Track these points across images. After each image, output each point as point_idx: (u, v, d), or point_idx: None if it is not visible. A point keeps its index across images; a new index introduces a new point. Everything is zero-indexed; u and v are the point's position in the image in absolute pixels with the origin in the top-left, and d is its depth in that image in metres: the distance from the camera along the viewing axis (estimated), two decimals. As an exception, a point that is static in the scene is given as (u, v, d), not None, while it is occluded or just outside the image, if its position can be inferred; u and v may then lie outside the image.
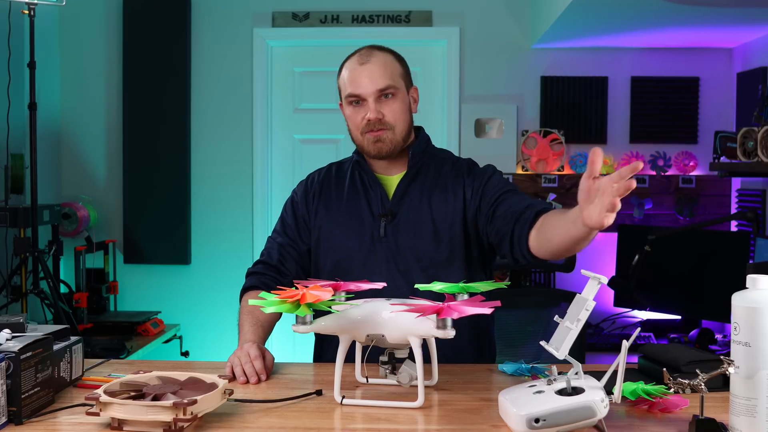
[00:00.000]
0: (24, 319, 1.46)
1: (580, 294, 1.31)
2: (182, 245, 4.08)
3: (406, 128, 1.92)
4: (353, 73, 1.90)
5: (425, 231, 1.88)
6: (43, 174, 3.61)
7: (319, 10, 4.08)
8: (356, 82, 1.88)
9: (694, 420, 1.24)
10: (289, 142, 4.21)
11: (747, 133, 3.16)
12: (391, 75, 1.89)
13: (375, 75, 1.87)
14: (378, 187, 1.93)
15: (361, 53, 1.94)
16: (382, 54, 1.93)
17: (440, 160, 1.99)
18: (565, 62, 4.07)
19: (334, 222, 1.94)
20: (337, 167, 2.05)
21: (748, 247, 3.39)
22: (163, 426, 1.25)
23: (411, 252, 1.87)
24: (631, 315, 3.91)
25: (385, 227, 1.89)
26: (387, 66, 1.90)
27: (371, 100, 1.87)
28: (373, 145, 1.89)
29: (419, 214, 1.90)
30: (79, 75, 4.15)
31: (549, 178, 4.03)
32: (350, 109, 1.92)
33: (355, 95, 1.89)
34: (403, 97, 1.91)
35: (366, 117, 1.87)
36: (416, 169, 1.94)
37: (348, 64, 1.94)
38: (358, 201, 1.94)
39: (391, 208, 1.90)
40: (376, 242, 1.89)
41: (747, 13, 3.24)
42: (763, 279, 1.22)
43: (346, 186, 1.97)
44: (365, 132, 1.89)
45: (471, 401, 1.47)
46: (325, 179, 2.02)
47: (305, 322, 1.41)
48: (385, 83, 1.87)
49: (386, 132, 1.88)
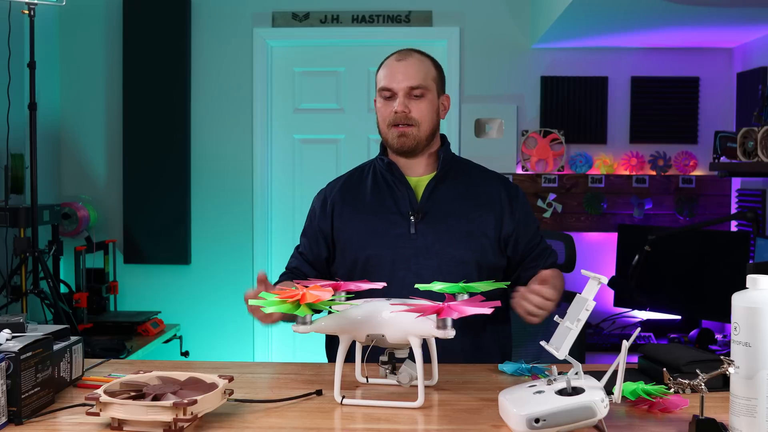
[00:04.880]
0: (24, 319, 1.46)
1: (580, 294, 1.31)
2: (182, 245, 4.08)
3: (431, 129, 1.98)
4: (389, 68, 1.97)
5: (459, 230, 1.93)
6: (43, 174, 3.61)
7: (319, 10, 4.08)
8: (390, 76, 1.96)
9: (694, 420, 1.23)
10: (289, 142, 4.21)
11: (747, 133, 3.16)
12: (424, 76, 1.96)
13: (409, 72, 1.94)
14: (405, 186, 1.97)
15: (400, 52, 2.01)
16: (419, 55, 2.00)
17: (466, 165, 2.07)
18: (565, 62, 4.07)
19: (360, 221, 1.97)
20: (358, 172, 2.10)
21: (748, 247, 3.39)
22: (163, 426, 1.25)
23: (444, 250, 1.91)
24: (631, 315, 3.91)
25: (416, 225, 1.92)
26: (422, 67, 1.97)
27: (401, 95, 1.94)
28: (397, 140, 1.95)
29: (451, 213, 1.95)
30: (79, 75, 4.15)
31: (549, 178, 4.03)
32: (381, 102, 1.98)
33: (387, 89, 1.95)
34: (432, 99, 1.98)
35: (393, 110, 1.94)
36: (445, 171, 2.00)
37: (387, 61, 2.01)
38: (385, 200, 1.98)
39: (421, 207, 1.94)
40: (406, 239, 1.92)
41: (747, 13, 3.24)
42: (763, 279, 1.22)
43: (369, 186, 2.02)
44: (391, 125, 1.96)
45: (471, 401, 1.47)
46: (345, 183, 2.07)
47: (305, 322, 1.41)
48: (417, 82, 1.94)
49: (411, 128, 1.95)
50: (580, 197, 4.04)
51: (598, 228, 4.05)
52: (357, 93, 4.15)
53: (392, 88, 1.94)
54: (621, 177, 4.03)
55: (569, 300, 1.34)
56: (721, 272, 3.42)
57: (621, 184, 4.03)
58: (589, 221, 4.04)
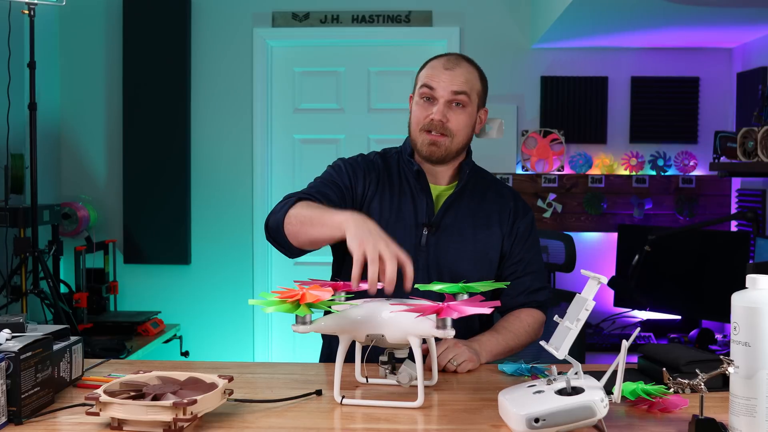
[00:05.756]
0: (24, 319, 1.46)
1: (580, 294, 1.31)
2: (182, 245, 4.08)
3: (463, 141, 1.92)
4: (435, 71, 1.89)
5: (465, 251, 1.89)
6: (43, 174, 3.61)
7: (319, 10, 4.08)
8: (436, 77, 1.87)
9: (694, 420, 1.23)
10: (289, 142, 4.21)
11: (747, 133, 3.16)
12: (470, 88, 1.88)
13: (456, 79, 1.86)
14: (426, 196, 1.91)
15: (449, 58, 1.92)
16: (468, 66, 1.92)
17: (485, 182, 2.00)
18: (565, 62, 4.07)
19: (383, 218, 1.89)
20: (384, 159, 1.99)
21: (748, 247, 3.39)
22: (163, 426, 1.25)
23: (448, 267, 1.88)
24: (631, 315, 3.91)
25: (427, 238, 1.89)
26: (470, 78, 1.89)
27: (442, 101, 1.86)
28: (428, 147, 1.88)
29: (462, 233, 1.90)
30: (79, 75, 4.15)
31: (549, 178, 4.03)
32: (419, 103, 1.90)
33: (430, 87, 1.87)
34: (471, 111, 1.91)
35: (431, 116, 1.86)
36: (465, 187, 1.94)
37: (433, 63, 1.92)
38: (405, 204, 1.92)
39: (437, 221, 1.90)
40: (417, 250, 1.87)
41: (747, 13, 3.24)
42: (763, 279, 1.22)
43: (395, 183, 1.94)
44: (425, 130, 1.88)
45: (471, 401, 1.47)
46: (383, 170, 1.96)
47: (305, 322, 1.41)
48: (461, 89, 1.86)
49: (445, 138, 1.87)
50: (580, 197, 4.04)
51: (598, 228, 4.05)
52: (357, 93, 4.15)
53: (435, 90, 1.86)
54: (621, 177, 4.03)
55: (569, 300, 1.34)
56: (721, 272, 3.42)
57: (621, 184, 4.03)
58: (589, 221, 4.04)
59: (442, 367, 1.67)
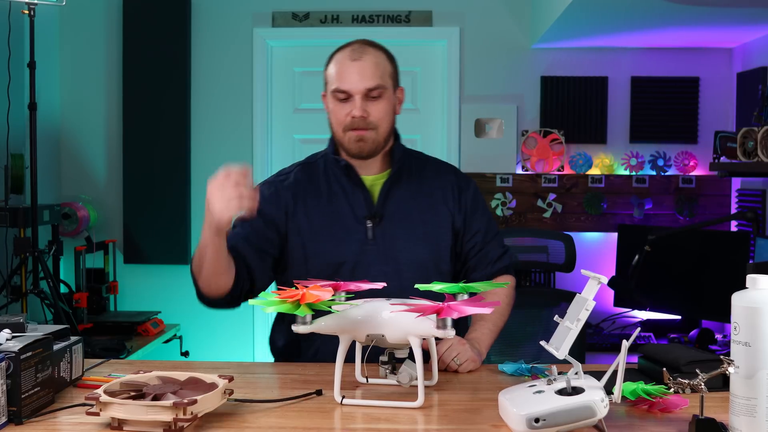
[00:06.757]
0: (24, 319, 1.46)
1: (580, 294, 1.31)
2: (182, 245, 4.08)
3: (388, 129, 1.89)
4: (343, 67, 1.83)
5: (416, 232, 1.88)
6: (43, 174, 3.61)
7: (319, 10, 4.08)
8: (345, 77, 1.82)
9: (694, 420, 1.23)
10: (289, 142, 4.21)
11: (747, 133, 3.16)
12: (381, 74, 1.84)
13: (366, 73, 1.82)
14: (361, 189, 1.89)
15: (353, 48, 1.86)
16: (374, 51, 1.86)
17: (419, 161, 1.98)
18: (565, 62, 4.07)
19: (317, 226, 1.87)
20: (306, 168, 1.97)
21: (748, 247, 3.39)
22: (163, 426, 1.25)
23: (402, 254, 1.86)
24: (631, 315, 3.91)
25: (374, 230, 1.87)
26: (378, 65, 1.84)
27: (358, 97, 1.82)
28: (355, 144, 1.85)
29: (407, 215, 1.88)
30: (79, 75, 4.15)
31: (549, 178, 4.03)
32: (335, 104, 1.86)
33: (343, 91, 1.82)
34: (389, 97, 1.87)
35: (351, 114, 1.83)
36: (399, 169, 1.91)
37: (339, 57, 1.86)
38: (340, 204, 1.89)
39: (378, 211, 1.88)
40: (365, 245, 1.85)
41: (747, 13, 3.24)
42: (763, 279, 1.22)
43: (323, 188, 1.91)
44: (348, 129, 1.84)
45: (471, 401, 1.47)
46: (297, 182, 1.93)
47: (305, 322, 1.41)
48: (374, 82, 1.82)
49: (369, 132, 1.84)
50: (580, 197, 4.04)
51: (598, 228, 4.05)
52: (357, 93, 4.15)
53: (348, 90, 1.82)
54: (621, 177, 4.03)
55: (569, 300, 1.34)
56: (721, 272, 3.42)
57: (621, 184, 4.03)
58: (589, 221, 4.04)
59: (444, 365, 1.68)
